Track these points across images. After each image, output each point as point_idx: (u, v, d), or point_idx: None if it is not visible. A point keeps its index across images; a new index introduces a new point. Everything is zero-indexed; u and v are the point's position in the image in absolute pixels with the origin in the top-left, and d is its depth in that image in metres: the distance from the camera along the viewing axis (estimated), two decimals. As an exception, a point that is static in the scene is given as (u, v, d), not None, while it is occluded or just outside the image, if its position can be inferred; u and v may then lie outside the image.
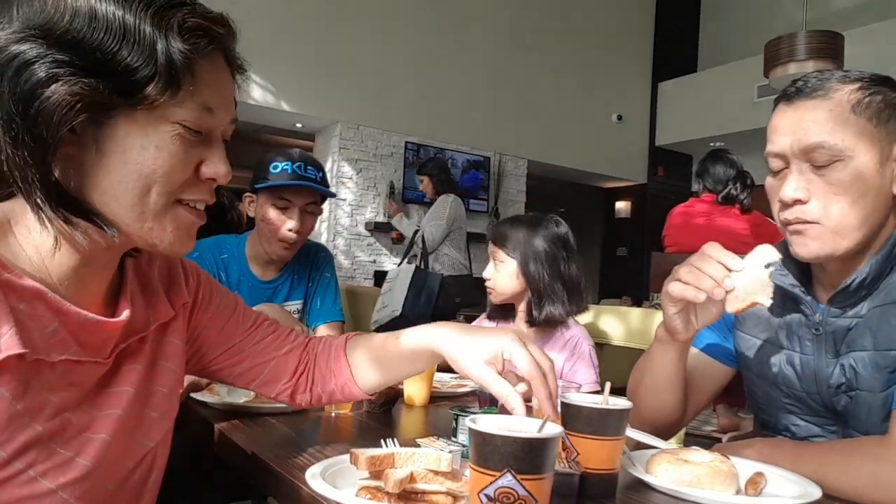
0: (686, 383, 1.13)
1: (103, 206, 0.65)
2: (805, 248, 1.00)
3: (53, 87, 0.57)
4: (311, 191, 1.79)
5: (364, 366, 0.97)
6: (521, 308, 1.72)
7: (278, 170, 1.77)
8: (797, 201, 0.98)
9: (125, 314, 0.73)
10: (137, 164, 0.63)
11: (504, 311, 1.78)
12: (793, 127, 0.99)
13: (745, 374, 1.18)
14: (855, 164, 0.95)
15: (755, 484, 0.84)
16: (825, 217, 0.97)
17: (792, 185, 0.98)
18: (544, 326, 1.67)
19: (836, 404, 1.02)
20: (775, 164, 1.02)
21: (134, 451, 0.76)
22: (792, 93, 1.01)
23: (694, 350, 1.18)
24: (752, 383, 1.16)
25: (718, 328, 1.19)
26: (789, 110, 1.01)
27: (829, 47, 4.28)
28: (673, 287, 0.99)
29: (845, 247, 0.98)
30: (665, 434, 1.13)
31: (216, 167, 0.69)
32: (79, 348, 0.68)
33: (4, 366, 0.60)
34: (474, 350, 0.82)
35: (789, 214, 1.00)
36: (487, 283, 1.72)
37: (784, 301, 1.09)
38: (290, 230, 1.76)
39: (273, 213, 1.77)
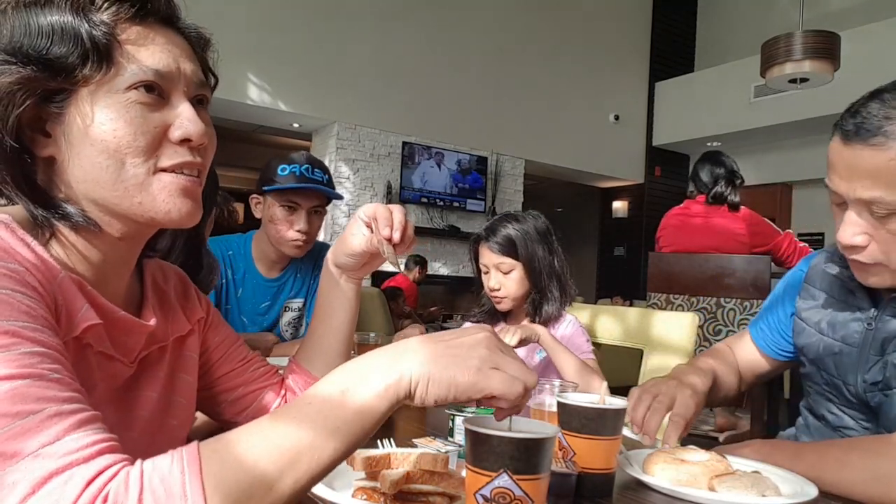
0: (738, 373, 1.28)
1: (92, 193, 0.67)
2: (865, 280, 1.01)
3: None
4: (317, 193, 1.83)
5: (312, 357, 0.99)
6: (523, 311, 1.71)
7: (286, 172, 1.80)
8: (856, 247, 0.96)
9: (153, 321, 0.76)
10: (103, 142, 0.65)
11: (494, 317, 1.78)
12: (848, 172, 0.94)
13: (801, 357, 1.22)
14: None
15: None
16: (886, 259, 0.95)
17: (849, 231, 0.96)
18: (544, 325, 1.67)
19: (869, 399, 1.03)
20: (834, 197, 0.99)
21: (154, 456, 0.76)
22: (850, 131, 0.93)
23: (752, 347, 1.31)
24: (804, 365, 1.19)
25: (776, 328, 1.27)
26: (846, 151, 0.94)
27: (826, 47, 4.28)
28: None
29: None
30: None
31: (185, 127, 0.68)
32: (111, 344, 0.70)
33: (80, 336, 0.64)
34: (351, 228, 0.92)
35: (850, 255, 0.99)
36: (497, 294, 1.68)
37: (841, 293, 1.11)
38: (298, 231, 1.81)
39: (281, 216, 1.81)
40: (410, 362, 0.58)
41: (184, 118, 0.68)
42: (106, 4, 0.66)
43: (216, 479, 0.49)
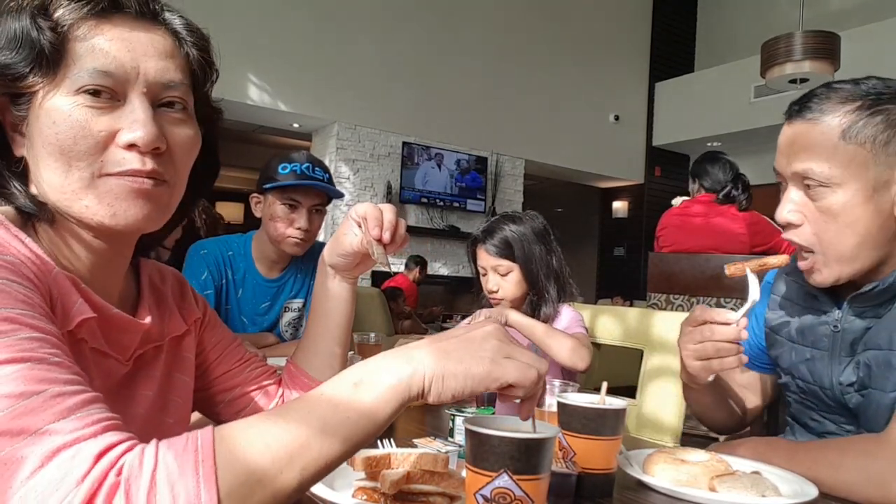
0: (737, 395, 1.24)
1: (50, 195, 0.67)
2: (811, 278, 1.03)
3: None
4: (318, 191, 1.83)
5: (309, 357, 0.98)
6: (521, 312, 1.71)
7: (287, 171, 1.80)
8: (790, 224, 1.00)
9: (148, 319, 0.76)
10: (50, 145, 0.64)
11: None
12: (788, 149, 1.00)
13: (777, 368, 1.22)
14: (843, 192, 0.94)
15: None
16: (817, 243, 0.98)
17: (785, 207, 1.00)
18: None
19: (847, 402, 1.03)
20: (779, 178, 1.04)
21: None
22: (794, 110, 1.00)
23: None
24: (782, 377, 1.20)
25: (752, 341, 1.25)
26: (788, 129, 1.01)
27: (826, 47, 4.28)
28: (705, 366, 1.00)
29: (849, 273, 0.99)
30: (736, 429, 1.28)
31: (132, 132, 0.65)
32: (105, 342, 0.70)
33: (75, 331, 0.64)
34: (343, 228, 0.91)
35: (785, 235, 1.03)
36: (495, 296, 1.68)
37: (805, 299, 1.11)
38: (298, 229, 1.80)
39: (282, 214, 1.81)
40: (423, 360, 0.58)
41: (132, 121, 0.65)
42: (59, 7, 0.65)
43: (228, 462, 0.50)
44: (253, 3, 6.22)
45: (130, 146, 0.66)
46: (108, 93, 0.65)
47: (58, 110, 0.64)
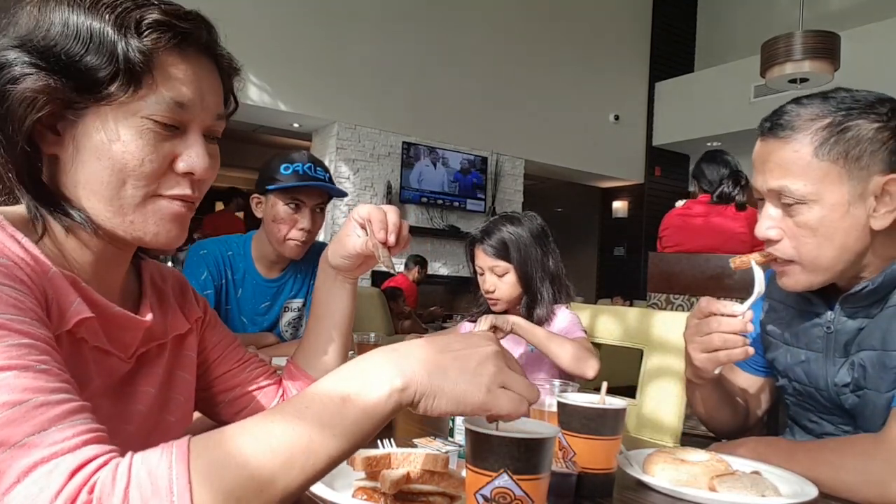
0: (739, 396, 1.23)
1: (86, 200, 0.67)
2: (780, 281, 1.05)
3: (21, 85, 0.63)
4: (320, 191, 1.83)
5: (310, 357, 0.99)
6: (517, 313, 1.71)
7: (289, 171, 1.80)
8: (770, 240, 1.02)
9: (150, 317, 0.77)
10: (110, 160, 0.65)
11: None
12: (761, 166, 1.01)
13: (774, 371, 1.22)
14: (820, 207, 0.96)
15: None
16: (797, 255, 1.00)
17: (764, 224, 1.02)
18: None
19: (843, 402, 1.03)
20: (756, 193, 1.06)
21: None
22: (766, 127, 1.02)
23: (737, 370, 1.27)
24: (779, 379, 1.20)
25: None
26: (761, 145, 1.03)
27: (826, 47, 4.28)
28: (712, 358, 1.01)
29: (821, 281, 1.01)
30: (739, 432, 1.23)
31: (191, 161, 0.69)
32: (106, 339, 0.70)
33: (73, 331, 0.64)
34: (346, 229, 0.92)
35: (767, 249, 1.04)
36: (491, 296, 1.69)
37: (798, 301, 1.12)
38: (301, 229, 1.81)
39: (284, 214, 1.81)
40: (417, 372, 0.56)
41: (192, 152, 0.69)
42: (149, 31, 0.65)
43: (204, 475, 0.49)
44: (253, 3, 6.22)
45: (187, 174, 0.69)
46: (175, 122, 0.68)
47: (129, 128, 0.65)
